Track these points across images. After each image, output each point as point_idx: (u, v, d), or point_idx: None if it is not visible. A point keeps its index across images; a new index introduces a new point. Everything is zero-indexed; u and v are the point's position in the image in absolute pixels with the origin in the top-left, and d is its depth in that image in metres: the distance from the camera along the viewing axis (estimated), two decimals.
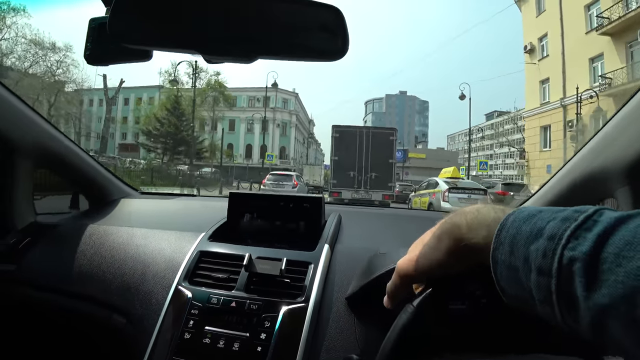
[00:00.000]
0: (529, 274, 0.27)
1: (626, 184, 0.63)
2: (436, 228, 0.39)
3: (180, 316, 0.66)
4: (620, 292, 0.22)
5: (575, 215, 0.27)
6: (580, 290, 0.24)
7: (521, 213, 0.31)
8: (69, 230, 0.98)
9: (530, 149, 21.43)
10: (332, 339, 0.63)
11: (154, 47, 0.56)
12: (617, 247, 0.23)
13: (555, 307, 0.26)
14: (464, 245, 0.34)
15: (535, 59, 19.86)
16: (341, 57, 0.51)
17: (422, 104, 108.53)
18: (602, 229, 0.25)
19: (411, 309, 0.39)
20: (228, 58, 0.55)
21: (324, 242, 0.79)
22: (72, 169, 1.11)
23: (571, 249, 0.25)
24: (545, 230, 0.27)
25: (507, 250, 0.29)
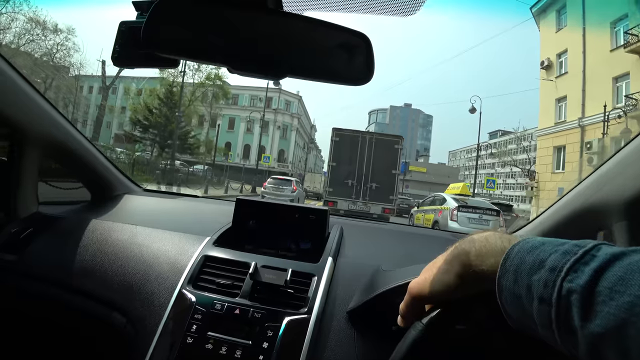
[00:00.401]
0: (531, 301, 0.30)
1: (623, 219, 0.66)
2: (447, 253, 0.41)
3: (183, 320, 0.66)
4: (612, 324, 0.24)
5: (575, 249, 0.29)
6: (577, 319, 0.26)
7: (526, 244, 0.33)
8: (72, 224, 0.97)
9: (541, 169, 20.26)
10: (332, 352, 0.64)
11: (184, 57, 0.59)
12: (611, 282, 0.25)
13: (555, 333, 0.28)
14: (473, 271, 0.36)
15: (552, 76, 18.76)
16: (365, 83, 0.52)
17: (426, 118, 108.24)
18: (599, 264, 0.27)
19: (420, 326, 0.40)
20: (255, 74, 0.56)
21: (327, 254, 0.80)
22: (79, 161, 1.12)
23: (569, 281, 0.27)
24: (547, 262, 0.30)
25: (512, 278, 0.32)
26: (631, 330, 0.23)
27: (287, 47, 0.53)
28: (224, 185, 18.38)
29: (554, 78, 18.64)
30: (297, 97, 40.16)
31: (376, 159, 9.11)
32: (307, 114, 50.11)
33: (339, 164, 9.19)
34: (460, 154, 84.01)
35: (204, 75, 23.57)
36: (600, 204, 0.72)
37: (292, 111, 39.71)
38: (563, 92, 17.96)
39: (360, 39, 0.53)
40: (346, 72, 0.55)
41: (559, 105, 18.49)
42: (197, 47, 0.54)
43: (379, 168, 9.08)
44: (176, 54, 0.56)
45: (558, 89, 18.31)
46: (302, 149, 44.71)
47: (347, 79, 0.55)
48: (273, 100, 38.05)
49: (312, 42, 0.53)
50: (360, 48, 0.53)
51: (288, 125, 39.31)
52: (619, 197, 0.66)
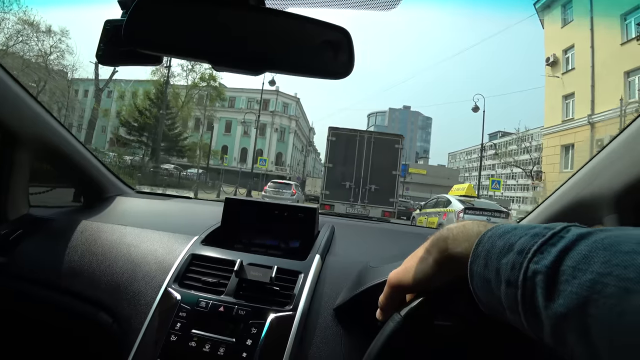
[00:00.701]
0: (499, 285, 0.30)
1: (613, 212, 0.66)
2: (427, 242, 0.41)
3: (167, 318, 0.66)
4: (574, 302, 0.24)
5: (544, 231, 0.29)
6: (541, 300, 0.26)
7: (498, 229, 0.33)
8: (61, 225, 0.98)
9: (548, 169, 19.48)
10: (317, 348, 0.64)
11: (165, 53, 0.59)
12: (574, 261, 0.25)
13: (521, 316, 0.28)
14: (448, 254, 0.37)
15: (559, 72, 18.06)
16: (345, 77, 0.54)
17: (425, 120, 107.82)
18: (565, 245, 0.27)
19: (398, 317, 0.40)
20: (236, 70, 0.57)
21: (315, 252, 0.80)
22: (70, 163, 1.11)
23: (536, 262, 0.27)
24: (516, 245, 0.30)
25: (482, 263, 0.32)
26: (592, 309, 0.23)
27: (268, 42, 0.53)
28: (216, 189, 17.83)
29: (560, 74, 17.92)
30: (294, 99, 39.46)
31: (375, 160, 8.58)
32: (305, 116, 49.28)
33: (336, 165, 8.67)
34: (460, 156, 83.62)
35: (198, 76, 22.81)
36: (590, 198, 0.73)
37: (289, 113, 39.08)
38: (570, 89, 17.23)
39: (340, 34, 0.53)
40: (327, 66, 0.56)
41: (566, 102, 17.74)
42: (178, 44, 0.54)
43: (378, 169, 8.55)
44: (157, 50, 0.57)
45: (565, 85, 17.60)
46: (300, 152, 44.01)
47: (328, 73, 0.56)
48: (270, 103, 37.34)
49: (293, 37, 0.54)
50: (340, 42, 0.54)
51: (286, 128, 38.64)
52: (608, 191, 0.67)
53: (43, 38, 18.52)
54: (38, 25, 18.09)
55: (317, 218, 0.93)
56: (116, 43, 0.62)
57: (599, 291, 0.23)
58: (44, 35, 18.56)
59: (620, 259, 0.23)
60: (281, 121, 38.20)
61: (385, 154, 8.63)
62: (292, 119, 39.02)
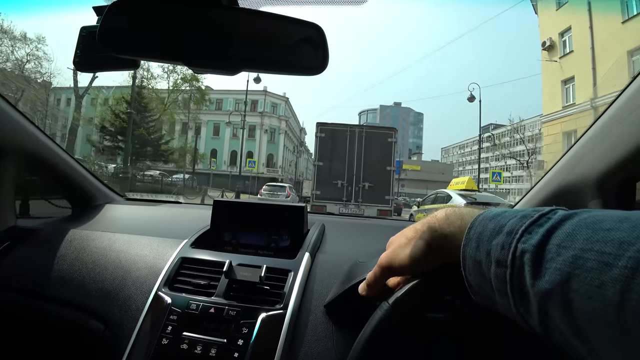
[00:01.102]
0: (489, 266, 0.30)
1: (597, 197, 0.67)
2: (418, 223, 0.42)
3: (159, 322, 0.66)
4: (558, 279, 0.25)
5: (532, 213, 0.30)
6: (528, 278, 0.27)
7: (489, 213, 0.34)
8: (49, 235, 0.97)
9: (548, 158, 18.66)
10: (309, 346, 0.64)
11: (141, 56, 0.59)
12: (559, 239, 0.26)
13: (510, 298, 0.29)
14: (440, 234, 0.37)
15: (556, 56, 17.22)
16: (321, 72, 0.54)
17: (416, 116, 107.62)
18: (551, 224, 0.28)
19: (386, 305, 0.40)
20: (213, 70, 0.58)
21: (304, 250, 0.80)
22: (57, 172, 1.11)
23: (523, 242, 0.28)
24: (506, 227, 0.31)
25: (474, 245, 0.33)
26: (574, 284, 0.24)
27: (242, 41, 0.54)
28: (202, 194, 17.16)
29: (558, 58, 17.07)
30: (283, 99, 38.39)
31: (368, 155, 8.02)
32: (296, 116, 48.22)
33: (326, 163, 8.07)
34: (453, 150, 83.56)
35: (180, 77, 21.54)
36: (574, 184, 0.74)
37: (279, 114, 38.11)
38: (569, 73, 16.36)
39: (313, 29, 0.54)
40: (303, 62, 0.56)
41: (566, 87, 16.87)
42: (153, 46, 0.54)
43: (371, 165, 8.00)
44: (133, 54, 0.57)
45: (564, 69, 16.72)
46: (292, 152, 42.82)
47: (304, 69, 0.56)
48: (259, 103, 36.27)
49: (267, 35, 0.54)
50: (314, 38, 0.54)
51: (276, 129, 37.59)
52: (591, 177, 0.68)
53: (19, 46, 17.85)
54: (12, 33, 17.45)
55: (305, 216, 0.93)
56: (93, 49, 0.62)
57: (581, 266, 0.24)
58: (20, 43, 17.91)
59: (601, 235, 0.24)
60: (271, 122, 37.21)
61: (378, 148, 8.04)
62: (281, 119, 38.04)
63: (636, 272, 0.21)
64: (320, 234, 0.93)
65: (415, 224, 0.42)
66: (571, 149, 0.75)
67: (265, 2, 0.60)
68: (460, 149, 77.53)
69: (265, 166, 35.70)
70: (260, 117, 36.12)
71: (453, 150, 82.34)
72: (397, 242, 0.43)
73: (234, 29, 0.54)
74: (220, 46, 0.54)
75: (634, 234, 0.22)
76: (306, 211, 0.94)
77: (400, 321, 0.39)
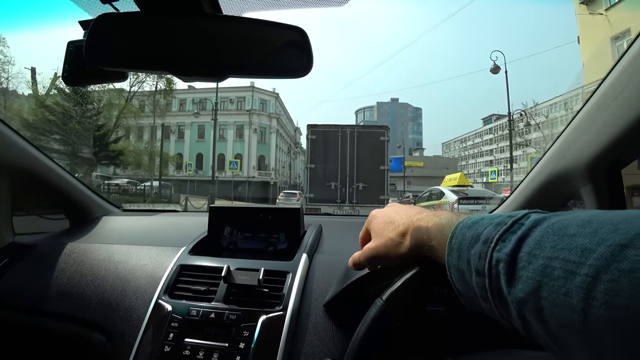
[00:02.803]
0: (471, 275, 0.31)
1: (588, 183, 0.67)
2: (400, 223, 0.43)
3: (160, 330, 0.67)
4: (530, 287, 0.25)
5: (506, 220, 0.30)
6: (504, 287, 0.28)
7: (468, 220, 0.35)
8: (48, 250, 0.98)
9: None
10: (310, 346, 0.64)
11: (127, 68, 0.60)
12: (530, 247, 0.27)
13: (492, 304, 0.30)
14: (427, 247, 0.39)
15: (600, 9, 13.60)
16: (306, 74, 0.55)
17: (415, 111, 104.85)
18: (523, 231, 0.28)
19: (380, 302, 0.41)
20: (199, 78, 0.58)
21: (302, 251, 0.81)
22: (52, 187, 1.11)
23: (498, 251, 0.29)
24: (482, 235, 0.31)
25: (456, 255, 0.34)
26: (544, 292, 0.24)
27: (227, 48, 0.54)
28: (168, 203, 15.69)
29: (604, 11, 13.34)
30: (273, 95, 35.06)
31: (361, 155, 7.94)
32: (288, 114, 44.81)
33: (319, 165, 8.00)
34: (454, 145, 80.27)
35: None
36: (565, 171, 0.74)
37: (269, 111, 34.33)
38: (622, 26, 12.67)
39: (297, 33, 0.54)
40: (288, 65, 0.57)
41: (617, 45, 13.10)
42: (140, 58, 0.55)
43: (365, 165, 7.91)
44: (119, 66, 0.58)
45: (612, 23, 13.02)
46: (286, 154, 39.08)
47: (289, 72, 0.57)
48: (246, 100, 32.66)
49: (251, 41, 0.55)
50: (298, 41, 0.55)
51: (266, 127, 34.20)
52: (581, 163, 0.68)
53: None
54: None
55: (301, 218, 0.94)
56: (80, 63, 0.63)
57: (549, 274, 0.24)
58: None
59: (566, 242, 0.24)
60: (260, 120, 33.90)
61: (371, 148, 7.92)
62: (272, 116, 34.84)
63: (597, 280, 0.21)
64: (318, 235, 0.95)
65: (396, 224, 0.43)
66: (560, 136, 0.76)
67: (247, 8, 0.60)
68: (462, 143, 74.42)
69: (256, 169, 32.08)
70: (248, 115, 32.54)
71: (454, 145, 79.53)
72: (380, 239, 0.45)
73: (218, 36, 0.54)
74: (205, 54, 0.54)
75: (595, 240, 0.23)
76: (302, 213, 0.95)
77: (395, 316, 0.40)
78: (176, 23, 0.54)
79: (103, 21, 0.53)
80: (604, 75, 0.62)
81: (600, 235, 0.23)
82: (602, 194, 0.66)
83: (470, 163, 66.66)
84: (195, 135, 32.93)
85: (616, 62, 0.58)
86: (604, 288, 0.21)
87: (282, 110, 38.70)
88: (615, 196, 0.66)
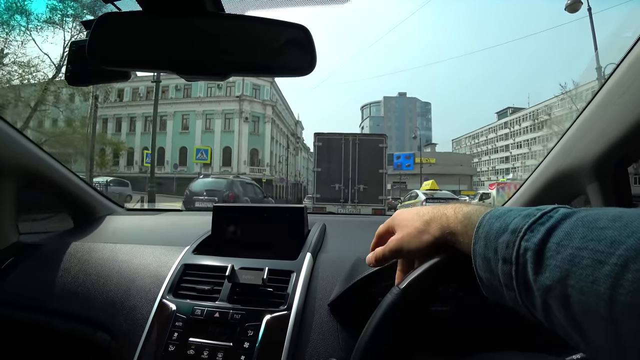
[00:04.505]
0: (497, 263, 0.33)
1: (594, 181, 0.68)
2: (425, 213, 0.45)
3: (164, 329, 0.68)
4: (557, 275, 0.27)
5: (535, 212, 0.32)
6: (531, 274, 0.29)
7: (496, 211, 0.37)
8: (52, 249, 0.99)
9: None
10: (315, 345, 0.65)
11: (129, 68, 0.60)
12: (559, 238, 0.28)
13: (516, 292, 0.31)
14: (449, 232, 0.41)
15: None
16: (310, 72, 0.55)
17: (423, 106, 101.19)
18: (552, 223, 0.30)
19: (397, 290, 0.42)
20: (203, 77, 0.59)
21: (306, 250, 0.82)
22: (56, 187, 1.13)
23: (527, 240, 0.30)
24: (510, 225, 0.33)
25: (483, 244, 0.35)
26: (571, 280, 0.26)
27: (230, 46, 0.55)
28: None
29: None
30: (268, 80, 30.68)
31: (361, 160, 9.13)
32: (287, 103, 40.44)
33: (325, 169, 9.15)
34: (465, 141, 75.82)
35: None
36: (571, 169, 0.74)
37: (262, 98, 30.32)
38: None
39: (300, 31, 0.55)
40: (291, 63, 0.57)
41: None
42: (142, 58, 0.56)
43: (365, 169, 9.12)
44: (122, 66, 0.58)
45: None
46: (285, 147, 34.93)
47: (293, 70, 0.57)
48: (236, 85, 28.75)
49: (254, 39, 0.55)
50: (301, 39, 0.55)
51: (260, 117, 30.36)
52: (587, 161, 0.69)
53: None
54: None
55: (305, 217, 0.95)
56: (83, 63, 0.63)
57: (577, 263, 0.25)
58: None
59: (595, 234, 0.26)
60: (252, 108, 29.86)
61: (370, 154, 9.06)
62: (266, 104, 30.87)
63: (625, 269, 0.22)
64: (322, 234, 0.95)
65: (422, 214, 0.45)
66: (566, 134, 0.76)
67: (250, 7, 0.60)
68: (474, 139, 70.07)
69: (247, 164, 28.16)
70: (238, 102, 28.56)
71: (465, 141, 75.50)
72: (405, 229, 0.46)
73: (221, 35, 0.55)
74: (208, 53, 0.55)
75: (625, 233, 0.24)
76: (306, 212, 0.96)
77: (410, 305, 0.41)
78: (178, 22, 0.54)
79: (105, 21, 0.53)
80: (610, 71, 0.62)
81: (631, 228, 0.24)
82: (609, 192, 0.66)
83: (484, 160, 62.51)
84: (178, 126, 29.23)
85: (622, 58, 0.59)
86: (632, 277, 0.22)
87: (278, 98, 34.74)
88: (622, 194, 0.66)
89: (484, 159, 62.24)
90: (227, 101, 28.91)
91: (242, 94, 29.00)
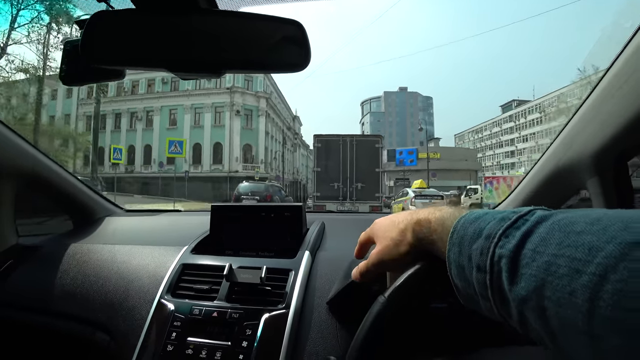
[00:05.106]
0: (471, 271, 0.31)
1: (594, 175, 0.68)
2: (400, 221, 0.44)
3: (163, 329, 0.69)
4: (533, 285, 0.25)
5: (510, 215, 0.30)
6: (506, 284, 0.27)
7: (471, 215, 0.35)
8: (52, 251, 1.00)
9: None
10: (314, 344, 0.66)
11: (123, 66, 0.61)
12: (534, 244, 0.26)
13: (491, 302, 0.30)
14: (426, 241, 0.40)
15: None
16: (304, 68, 0.55)
17: (425, 100, 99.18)
18: (528, 227, 0.28)
19: (382, 299, 0.42)
20: (197, 74, 0.60)
21: (304, 249, 0.82)
22: (55, 189, 1.13)
23: (501, 247, 0.28)
24: (485, 230, 0.31)
25: (457, 250, 0.34)
26: (548, 291, 0.24)
27: (224, 43, 0.55)
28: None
29: None
30: None
31: (359, 160, 9.67)
32: (283, 96, 38.32)
33: (324, 168, 9.74)
34: (467, 136, 73.82)
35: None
36: (571, 163, 0.74)
37: (255, 89, 28.54)
38: None
39: (294, 27, 0.55)
40: (286, 60, 0.57)
41: None
42: (136, 56, 0.56)
43: (362, 168, 9.64)
44: (116, 64, 0.59)
45: None
46: (281, 143, 32.94)
47: (287, 66, 0.57)
48: (227, 77, 26.51)
49: (249, 36, 0.55)
50: (295, 35, 0.55)
51: (253, 110, 28.35)
52: (586, 155, 0.69)
53: None
54: None
55: (304, 215, 0.95)
56: (77, 62, 0.63)
57: (553, 272, 0.24)
58: None
59: (572, 239, 0.24)
60: (245, 100, 28.01)
61: (367, 154, 9.70)
62: (260, 96, 28.86)
63: (604, 280, 0.20)
64: (320, 232, 0.95)
65: (397, 222, 0.44)
66: (565, 128, 0.76)
67: (243, 3, 0.61)
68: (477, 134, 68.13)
69: (240, 161, 26.26)
70: (229, 94, 26.69)
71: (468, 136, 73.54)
72: (383, 241, 0.45)
73: (215, 32, 0.55)
74: (202, 50, 0.55)
75: (604, 238, 0.22)
76: (304, 210, 0.96)
77: (398, 312, 0.41)
78: (172, 20, 0.54)
79: (98, 19, 0.53)
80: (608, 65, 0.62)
81: (610, 233, 0.22)
82: (609, 186, 0.65)
83: (488, 155, 60.57)
84: (166, 121, 27.42)
85: (621, 50, 0.58)
86: (611, 288, 0.20)
87: (273, 90, 32.73)
88: (622, 188, 0.65)
89: (488, 153, 60.40)
90: (217, 94, 27.37)
91: (234, 86, 27.25)
